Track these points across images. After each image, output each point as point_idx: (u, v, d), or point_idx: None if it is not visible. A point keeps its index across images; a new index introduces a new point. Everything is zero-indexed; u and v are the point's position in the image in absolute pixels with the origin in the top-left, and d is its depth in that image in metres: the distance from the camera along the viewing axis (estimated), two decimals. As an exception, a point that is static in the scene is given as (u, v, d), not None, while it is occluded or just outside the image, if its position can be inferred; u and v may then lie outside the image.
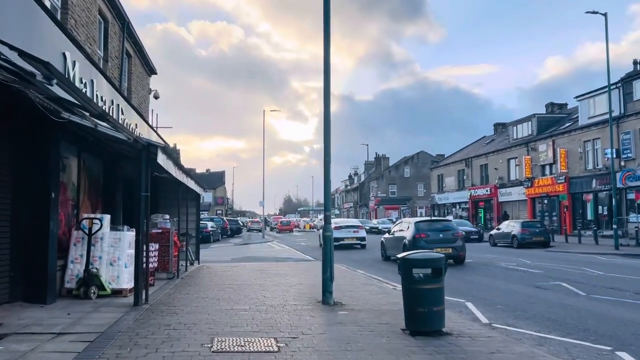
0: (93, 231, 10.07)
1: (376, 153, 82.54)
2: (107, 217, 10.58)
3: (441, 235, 19.07)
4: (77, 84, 9.14)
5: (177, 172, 11.94)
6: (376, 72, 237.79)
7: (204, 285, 12.22)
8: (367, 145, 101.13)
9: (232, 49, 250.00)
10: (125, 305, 9.07)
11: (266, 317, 8.21)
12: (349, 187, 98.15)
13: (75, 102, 7.06)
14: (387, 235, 22.22)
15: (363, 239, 29.33)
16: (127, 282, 10.17)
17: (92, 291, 9.63)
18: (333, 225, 31.75)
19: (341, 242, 27.47)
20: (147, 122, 18.19)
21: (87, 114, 8.06)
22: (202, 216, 58.61)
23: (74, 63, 8.96)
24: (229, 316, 8.26)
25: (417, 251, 7.83)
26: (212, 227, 40.19)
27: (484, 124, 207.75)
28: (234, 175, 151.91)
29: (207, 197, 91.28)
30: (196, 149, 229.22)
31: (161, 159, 9.49)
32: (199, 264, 19.30)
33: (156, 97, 21.75)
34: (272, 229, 66.07)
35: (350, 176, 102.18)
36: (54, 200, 9.05)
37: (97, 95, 10.44)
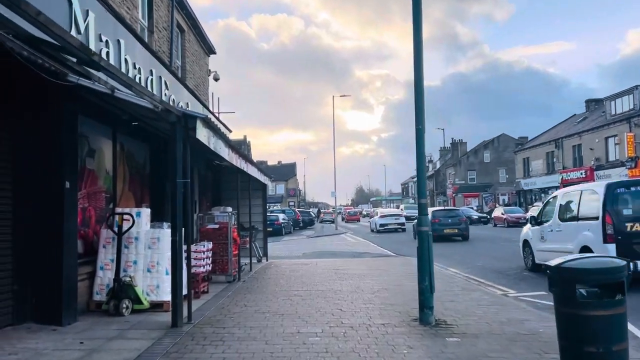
0: (124, 229, 8.06)
1: (452, 138, 78.15)
2: (144, 212, 8.55)
3: (450, 220, 25.40)
4: (92, 40, 7.08)
5: (231, 155, 9.76)
6: (442, 56, 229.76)
7: (267, 292, 10.01)
8: (443, 129, 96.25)
9: (293, 40, 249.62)
10: (161, 325, 6.97)
11: (345, 350, 5.81)
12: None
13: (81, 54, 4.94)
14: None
15: (403, 224, 36.78)
16: (169, 292, 8.09)
17: (124, 305, 7.61)
18: (379, 215, 34.46)
19: (386, 227, 36.01)
20: (204, 104, 16.26)
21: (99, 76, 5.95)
22: (274, 208, 57.75)
23: (86, 13, 6.90)
24: (294, 346, 5.94)
25: (580, 256, 5.14)
26: (283, 219, 38.56)
27: (561, 104, 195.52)
28: (305, 167, 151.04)
29: (279, 188, 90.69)
30: (265, 143, 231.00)
31: (203, 134, 7.29)
32: (267, 260, 17.28)
33: (216, 79, 19.89)
34: (342, 220, 64.30)
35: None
36: (69, 191, 7.06)
37: (126, 60, 8.39)
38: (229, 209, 13.27)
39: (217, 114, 20.87)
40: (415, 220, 26.60)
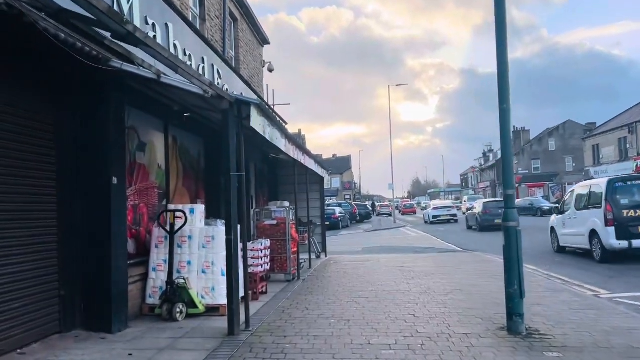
0: (176, 228, 7.49)
1: (514, 126, 75.10)
2: (198, 209, 7.97)
3: (500, 211, 25.24)
4: (137, 22, 6.50)
5: (287, 146, 9.07)
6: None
7: (330, 293, 9.28)
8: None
9: (343, 32, 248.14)
10: (216, 333, 6.35)
11: (426, 366, 5.00)
12: (483, 166, 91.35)
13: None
14: (472, 211, 29.79)
15: (455, 215, 38.84)
16: (225, 295, 7.48)
17: (178, 310, 7.04)
18: (432, 207, 36.04)
19: (438, 219, 37.72)
20: (259, 96, 15.71)
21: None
22: (330, 202, 57.13)
23: (129, -8, 6.33)
24: (366, 362, 5.17)
25: None
26: (340, 213, 37.86)
27: (628, 87, 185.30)
28: (360, 160, 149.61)
29: (334, 182, 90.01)
30: (319, 137, 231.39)
31: (258, 122, 6.61)
32: (325, 256, 16.60)
33: (270, 70, 19.33)
34: (399, 212, 63.09)
35: (484, 153, 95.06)
36: (116, 187, 6.53)
37: (175, 45, 7.81)
38: (287, 204, 12.64)
39: (272, 106, 20.37)
40: (469, 212, 28.99)
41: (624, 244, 12.24)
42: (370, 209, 55.64)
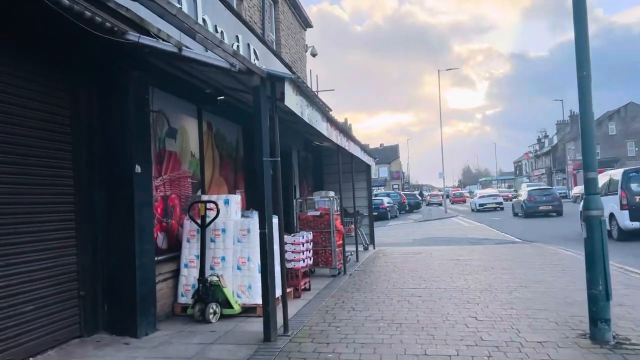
0: (208, 220, 6.84)
1: (571, 111, 71.83)
2: (233, 199, 7.28)
3: (544, 198, 28.17)
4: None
5: (330, 130, 8.30)
6: (548, 24, 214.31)
7: (379, 290, 8.47)
8: (561, 100, 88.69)
9: (387, 20, 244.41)
10: (251, 338, 5.65)
11: (497, 387, 4.13)
12: (538, 152, 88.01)
13: None
14: (518, 198, 31.49)
15: (500, 203, 39.92)
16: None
17: (211, 311, 6.39)
18: (478, 195, 36.49)
19: (484, 207, 38.90)
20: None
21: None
22: (378, 191, 56.09)
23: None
24: (423, 379, 4.35)
25: None
26: (388, 203, 36.85)
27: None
28: (408, 149, 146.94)
29: (382, 171, 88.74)
30: (366, 127, 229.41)
31: (294, 101, 5.85)
32: (374, 248, 15.78)
33: (314, 55, 18.58)
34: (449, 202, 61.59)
35: (538, 139, 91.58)
36: (140, 176, 5.91)
37: (204, 20, 7.13)
38: (331, 194, 11.87)
39: (316, 92, 19.63)
40: (515, 200, 29.05)
41: (636, 224, 14.18)
42: (419, 198, 54.22)
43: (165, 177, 7.16)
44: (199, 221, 6.82)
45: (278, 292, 6.76)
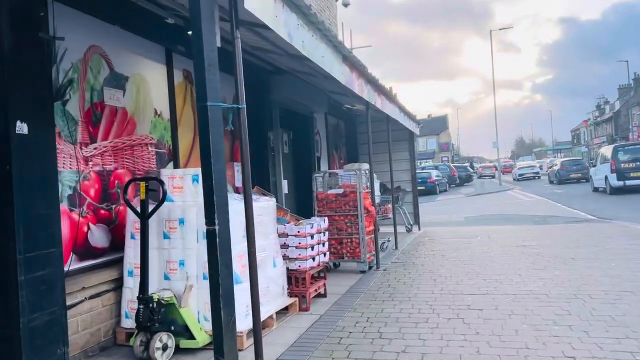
0: (150, 210, 4.58)
1: (635, 74, 66.12)
2: (189, 175, 4.97)
3: (574, 167, 32.87)
4: None
5: (348, 75, 5.94)
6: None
7: (420, 298, 6.10)
8: (626, 61, 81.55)
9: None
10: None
11: None
12: (598, 119, 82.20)
13: None
14: (553, 168, 35.47)
15: (537, 172, 45.19)
16: (246, 314, 4.55)
17: (159, 344, 4.18)
18: (517, 167, 48.56)
19: (523, 176, 43.89)
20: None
21: None
22: (425, 164, 53.08)
23: None
24: None
25: None
26: (437, 176, 34.09)
27: None
28: (457, 118, 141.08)
29: (430, 143, 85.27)
30: (410, 98, 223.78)
31: (263, 4, 3.47)
32: (419, 229, 13.34)
33: (345, 5, 16.05)
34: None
35: (598, 106, 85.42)
36: (29, 141, 3.69)
37: None
38: (365, 166, 9.51)
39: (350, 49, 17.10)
40: (551, 169, 36.73)
41: (620, 183, 20.23)
42: (471, 170, 50.80)
43: (104, 144, 4.96)
44: (139, 208, 4.57)
45: (269, 311, 4.56)
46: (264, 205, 5.12)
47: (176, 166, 6.06)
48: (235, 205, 4.70)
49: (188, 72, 6.53)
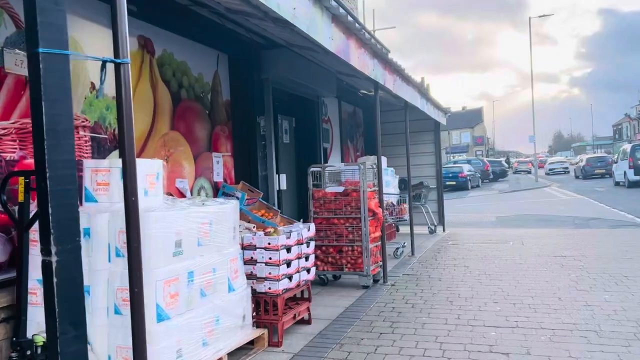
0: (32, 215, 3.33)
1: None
2: (145, 165, 3.69)
3: (599, 164, 34.76)
4: None
5: (341, 41, 4.56)
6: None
7: (428, 334, 4.74)
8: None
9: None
10: None
11: None
12: (642, 113, 78.23)
13: None
14: (579, 164, 37.98)
15: (566, 167, 47.48)
16: (174, 360, 3.27)
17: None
18: (548, 162, 52.47)
19: (553, 171, 46.96)
20: (347, 11, 11.06)
21: None
22: (458, 158, 51.08)
23: None
24: None
25: None
26: (469, 170, 32.32)
27: None
28: (493, 111, 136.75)
29: (464, 136, 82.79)
30: (444, 91, 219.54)
31: None
32: (443, 231, 11.92)
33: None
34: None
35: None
36: None
37: None
38: (371, 159, 8.18)
39: (372, 31, 15.69)
40: (576, 165, 40.56)
41: (638, 177, 23.27)
42: (506, 165, 48.56)
43: (3, 125, 3.74)
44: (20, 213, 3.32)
45: (219, 351, 3.34)
46: (216, 210, 3.83)
47: (124, 156, 4.82)
48: (173, 212, 3.43)
49: (146, 41, 5.29)
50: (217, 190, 6.39)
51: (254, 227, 5.84)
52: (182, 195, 5.69)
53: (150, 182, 3.80)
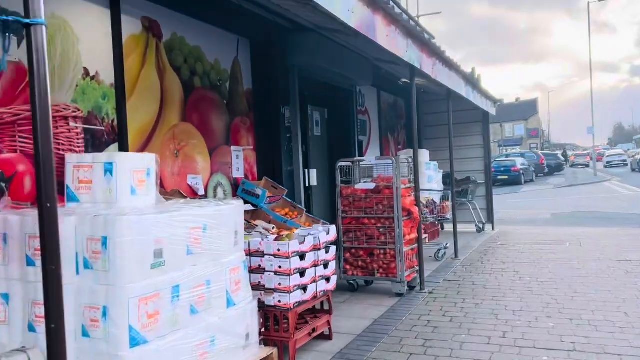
0: None
1: None
2: (126, 160, 3.15)
3: None
4: None
5: (354, 5, 3.90)
6: None
7: (472, 354, 4.06)
8: None
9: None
10: None
11: None
12: None
13: None
14: (635, 157, 38.40)
15: (624, 160, 46.71)
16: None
17: None
18: (606, 155, 52.76)
19: (611, 164, 46.63)
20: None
21: None
22: (511, 151, 49.26)
23: None
24: None
25: None
26: (522, 164, 30.96)
27: None
28: (549, 103, 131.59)
29: (518, 129, 79.99)
30: (497, 82, 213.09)
31: None
32: (492, 229, 11.09)
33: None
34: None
35: None
36: None
37: None
38: (424, 153, 7.56)
39: (416, 17, 14.86)
40: (633, 158, 40.85)
41: None
42: (562, 158, 46.34)
43: (-25, 116, 3.30)
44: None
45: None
46: (212, 213, 3.28)
47: (122, 150, 4.35)
48: (151, 216, 2.92)
49: (152, 23, 4.79)
50: (237, 187, 5.87)
51: (273, 227, 5.29)
52: (194, 193, 5.19)
53: (138, 180, 3.29)
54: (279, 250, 3.77)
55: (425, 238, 8.78)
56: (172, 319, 2.94)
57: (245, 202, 5.78)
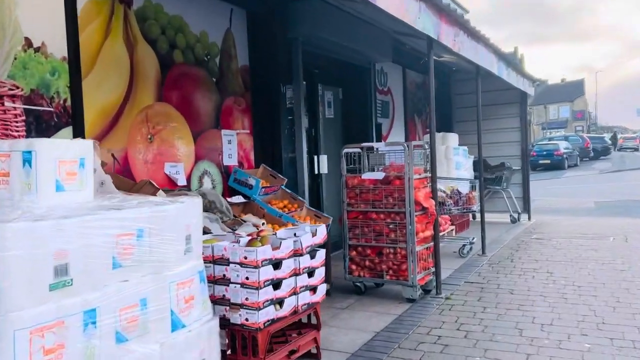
0: None
1: None
2: (17, 152, 2.55)
3: None
4: None
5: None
6: None
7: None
8: None
9: None
10: None
11: None
12: None
13: None
14: None
15: (637, 146, 44.13)
16: None
17: None
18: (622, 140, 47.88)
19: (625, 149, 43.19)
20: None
21: None
22: (554, 134, 47.23)
23: None
24: None
25: None
26: (566, 148, 29.44)
27: None
28: (596, 83, 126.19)
29: (563, 111, 76.94)
30: (539, 62, 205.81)
31: None
32: (528, 219, 10.22)
33: None
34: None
35: None
36: None
37: None
38: (439, 136, 6.80)
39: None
40: None
41: None
42: (609, 142, 43.99)
43: None
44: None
45: None
46: (150, 215, 2.62)
47: (77, 135, 3.73)
48: (50, 222, 2.29)
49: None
50: (229, 176, 5.22)
51: (263, 223, 4.64)
52: (173, 183, 4.57)
53: (66, 172, 2.66)
54: (245, 257, 3.09)
55: (453, 230, 7.99)
56: (86, 353, 2.31)
57: (238, 193, 5.15)
